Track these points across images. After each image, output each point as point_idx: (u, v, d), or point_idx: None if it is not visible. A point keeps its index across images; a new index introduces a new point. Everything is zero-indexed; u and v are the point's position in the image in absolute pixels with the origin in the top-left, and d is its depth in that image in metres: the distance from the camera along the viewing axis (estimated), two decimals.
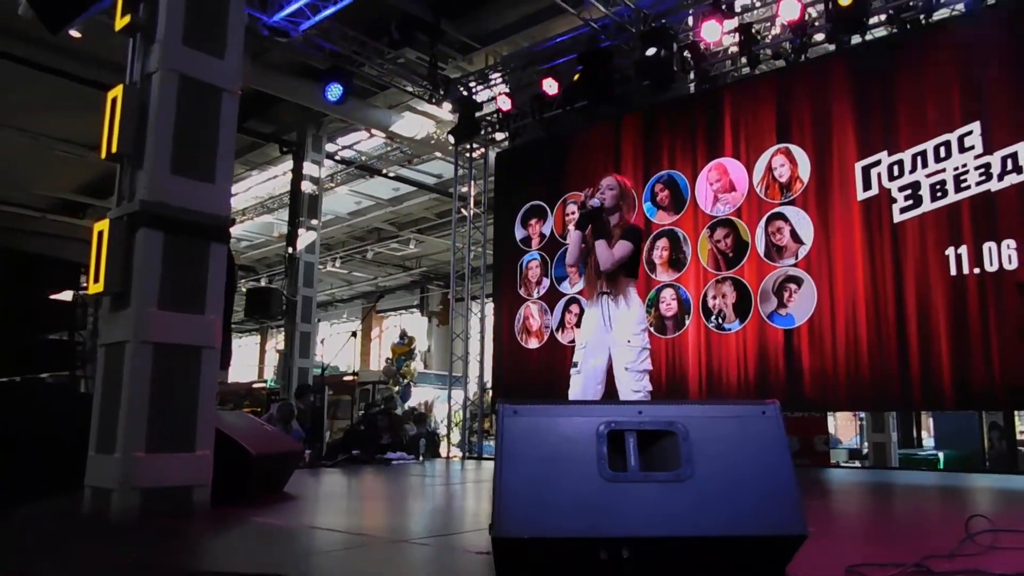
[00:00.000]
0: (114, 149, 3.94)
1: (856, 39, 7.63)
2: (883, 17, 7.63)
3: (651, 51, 8.25)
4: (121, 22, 4.08)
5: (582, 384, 4.21)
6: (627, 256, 4.18)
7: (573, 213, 9.38)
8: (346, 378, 17.01)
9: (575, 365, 4.27)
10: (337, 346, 14.42)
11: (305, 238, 13.52)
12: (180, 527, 3.44)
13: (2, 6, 8.08)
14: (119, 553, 2.82)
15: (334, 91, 9.37)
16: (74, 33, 6.97)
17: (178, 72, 4.01)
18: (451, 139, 10.85)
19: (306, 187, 13.72)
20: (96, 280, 3.82)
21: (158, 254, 3.81)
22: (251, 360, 28.05)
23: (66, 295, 5.79)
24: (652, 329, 8.37)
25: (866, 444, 12.98)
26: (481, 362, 10.87)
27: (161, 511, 3.63)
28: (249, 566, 2.46)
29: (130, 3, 4.05)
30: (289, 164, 14.32)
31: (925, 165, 6.82)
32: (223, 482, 3.99)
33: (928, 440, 13.28)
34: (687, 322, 8.14)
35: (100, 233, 3.88)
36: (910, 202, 6.88)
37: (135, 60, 4.13)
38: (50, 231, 14.54)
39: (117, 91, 3.99)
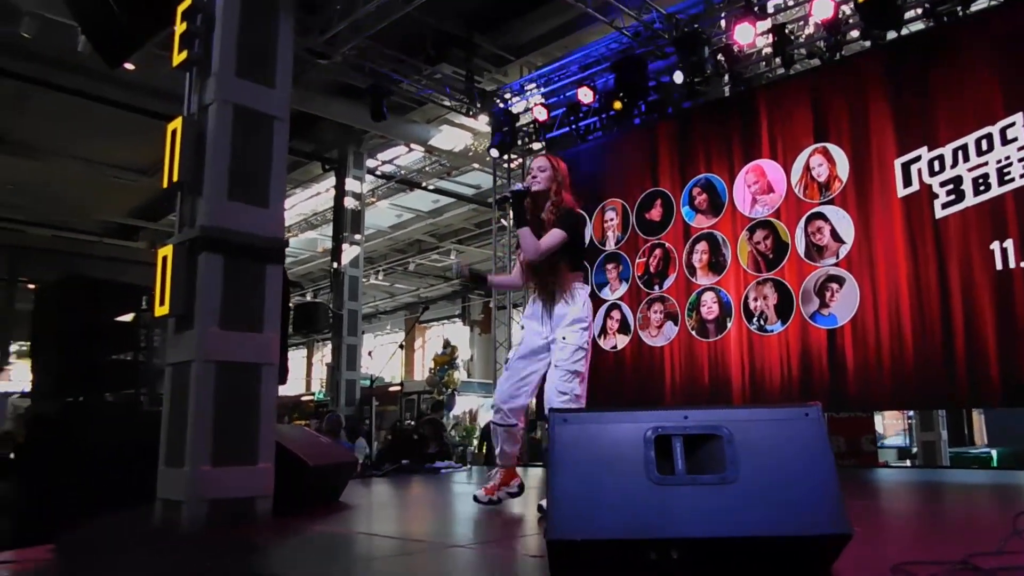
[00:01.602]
0: (175, 178, 4.16)
1: (892, 35, 7.60)
2: (919, 11, 7.58)
3: (679, 78, 8.36)
4: (178, 58, 4.30)
5: (502, 381, 3.98)
6: (557, 245, 3.78)
7: (612, 220, 9.46)
8: (391, 388, 17.27)
9: (507, 362, 4.00)
10: (381, 357, 14.68)
11: (349, 252, 13.80)
12: (246, 536, 3.61)
13: (62, 43, 8.52)
14: (195, 559, 3.00)
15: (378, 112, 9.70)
16: (128, 65, 7.31)
17: (232, 103, 4.21)
18: (493, 153, 10.94)
19: (349, 203, 14.02)
20: (162, 303, 4.04)
21: (218, 277, 4.00)
22: (298, 373, 28.56)
23: (128, 317, 6.06)
24: (694, 333, 8.41)
25: (915, 443, 12.79)
26: None
27: (227, 521, 3.81)
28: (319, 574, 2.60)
29: (187, 39, 4.26)
30: (331, 181, 14.66)
31: (967, 159, 6.77)
32: (283, 492, 4.16)
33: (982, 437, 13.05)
34: (729, 325, 8.16)
35: (164, 258, 4.09)
36: (952, 197, 6.83)
37: (192, 93, 4.35)
38: (107, 254, 15.14)
39: (177, 123, 4.21)
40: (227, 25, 4.27)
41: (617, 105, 9.20)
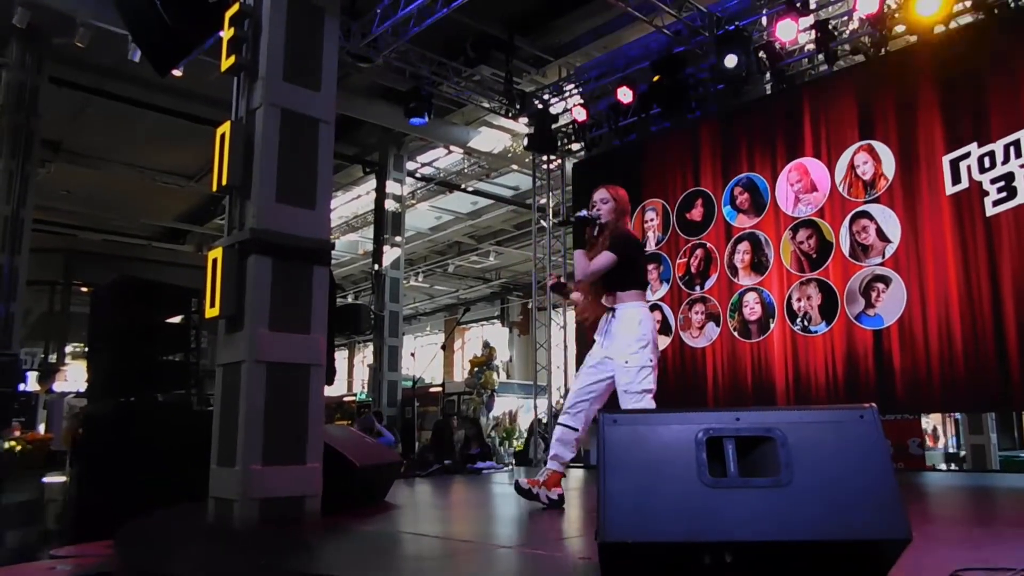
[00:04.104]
0: (224, 181, 4.24)
1: (940, 28, 7.43)
2: (968, 3, 7.40)
3: (731, 60, 8.22)
4: (227, 63, 4.38)
5: (574, 388, 4.18)
6: (605, 267, 3.96)
7: (652, 220, 9.41)
8: (432, 389, 17.35)
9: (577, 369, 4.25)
10: (423, 358, 14.79)
11: (389, 254, 13.92)
12: (298, 534, 3.67)
13: (114, 52, 8.76)
14: (248, 557, 3.06)
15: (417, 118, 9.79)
16: (176, 72, 7.47)
17: (279, 107, 4.28)
18: (526, 142, 10.95)
19: (389, 205, 14.14)
20: (212, 305, 4.11)
21: (267, 279, 4.07)
22: (340, 374, 28.84)
23: (178, 318, 6.19)
24: (736, 333, 8.33)
25: (963, 446, 12.47)
26: (565, 371, 10.96)
27: (277, 519, 3.87)
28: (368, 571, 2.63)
29: (235, 45, 4.34)
30: (372, 183, 14.79)
31: (1019, 155, 6.60)
32: (330, 492, 4.21)
33: None
34: (772, 325, 8.06)
35: (214, 260, 4.16)
36: (1003, 194, 6.66)
37: (240, 97, 4.42)
38: (155, 258, 15.52)
39: (225, 127, 4.29)
40: (274, 30, 4.34)
41: (656, 104, 9.13)
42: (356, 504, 4.52)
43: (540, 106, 10.62)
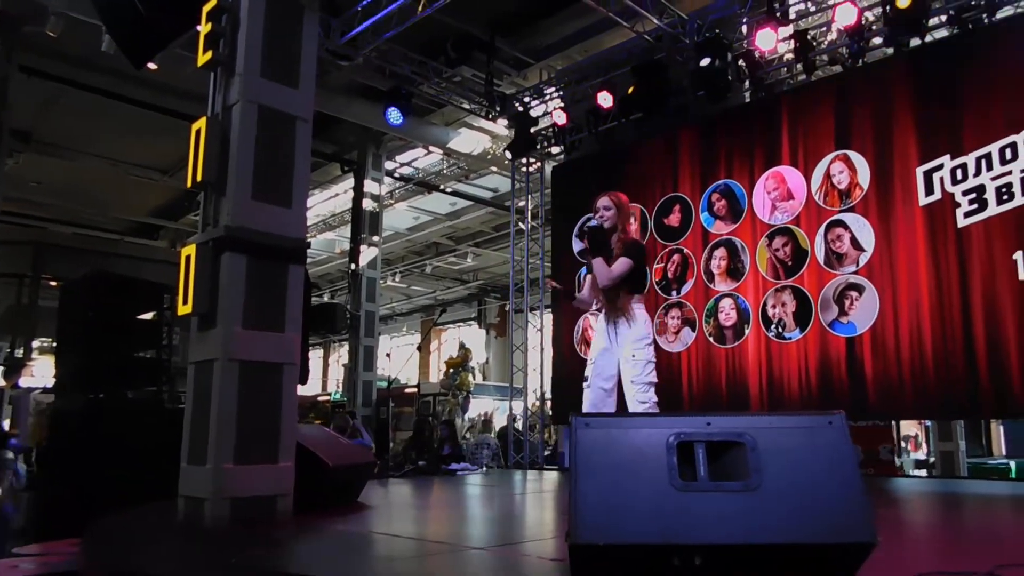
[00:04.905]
0: (199, 178, 4.20)
1: (916, 42, 7.54)
2: (944, 18, 7.51)
3: (705, 61, 8.26)
4: (203, 58, 4.34)
5: (591, 399, 4.34)
6: (626, 272, 4.22)
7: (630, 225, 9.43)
8: (407, 390, 17.30)
9: (586, 379, 4.41)
10: (398, 359, 14.74)
11: (367, 254, 13.84)
12: (269, 533, 3.64)
13: (87, 42, 8.63)
14: (219, 555, 3.03)
15: (394, 116, 9.67)
16: (151, 65, 7.36)
17: (257, 103, 4.25)
18: (508, 154, 11.02)
19: (367, 204, 14.06)
20: (185, 302, 4.07)
21: (242, 276, 4.03)
22: (315, 373, 28.63)
23: (150, 315, 6.12)
24: (712, 339, 8.39)
25: (933, 452, 12.64)
26: (541, 374, 10.96)
27: (249, 518, 3.83)
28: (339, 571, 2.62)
29: (212, 40, 4.30)
30: (350, 182, 14.69)
31: (990, 168, 6.71)
32: (303, 491, 4.19)
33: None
34: (747, 331, 8.13)
35: (187, 257, 4.12)
36: (975, 206, 6.77)
37: (216, 93, 4.38)
38: (128, 253, 15.30)
39: (201, 123, 4.24)
40: (252, 26, 4.31)
41: (636, 109, 9.17)
42: (328, 504, 4.50)
43: (520, 108, 10.62)
